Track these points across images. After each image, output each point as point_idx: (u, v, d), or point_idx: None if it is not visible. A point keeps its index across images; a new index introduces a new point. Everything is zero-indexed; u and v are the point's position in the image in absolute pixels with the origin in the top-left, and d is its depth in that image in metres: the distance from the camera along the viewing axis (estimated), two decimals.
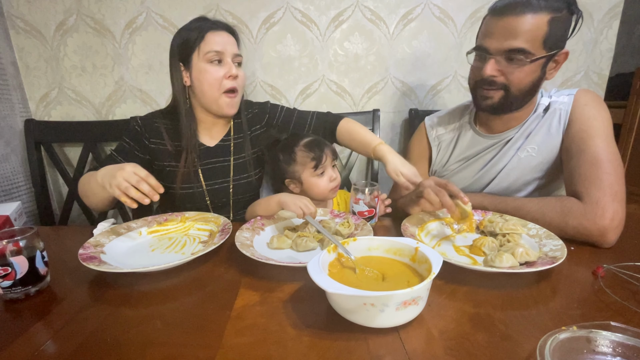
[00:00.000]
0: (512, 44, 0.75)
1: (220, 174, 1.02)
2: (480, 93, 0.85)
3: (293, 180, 0.96)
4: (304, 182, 0.95)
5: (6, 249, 0.56)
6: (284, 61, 1.39)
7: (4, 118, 1.31)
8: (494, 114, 0.90)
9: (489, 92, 0.83)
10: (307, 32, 1.36)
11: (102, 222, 0.83)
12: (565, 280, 0.60)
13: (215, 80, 0.90)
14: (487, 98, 0.84)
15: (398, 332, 0.48)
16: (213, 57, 0.90)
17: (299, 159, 0.93)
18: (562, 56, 0.80)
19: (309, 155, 0.92)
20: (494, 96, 0.83)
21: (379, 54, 1.40)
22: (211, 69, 0.90)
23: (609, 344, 0.41)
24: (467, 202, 0.73)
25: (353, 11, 1.35)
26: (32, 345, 0.47)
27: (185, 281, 0.63)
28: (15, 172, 1.36)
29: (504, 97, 0.82)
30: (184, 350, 0.45)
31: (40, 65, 1.37)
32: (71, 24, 1.33)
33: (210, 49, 0.89)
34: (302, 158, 0.93)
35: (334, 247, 0.59)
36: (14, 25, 1.33)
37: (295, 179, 0.95)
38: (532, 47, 0.74)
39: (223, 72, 0.90)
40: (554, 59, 0.80)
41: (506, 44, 0.75)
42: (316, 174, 0.93)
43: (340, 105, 1.45)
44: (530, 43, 0.74)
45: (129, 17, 1.33)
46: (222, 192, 1.02)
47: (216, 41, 0.90)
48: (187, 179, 0.97)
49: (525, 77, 0.78)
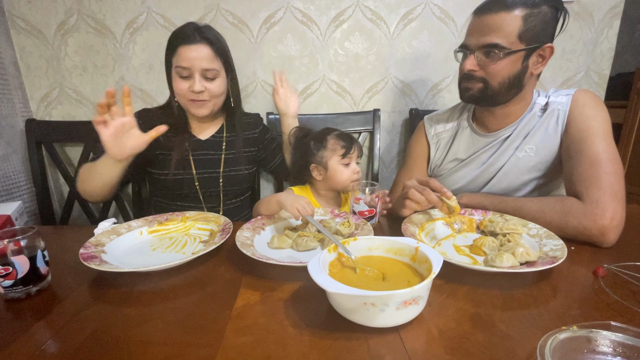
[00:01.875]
0: (486, 40, 0.79)
1: (211, 165, 1.09)
2: (462, 86, 0.90)
3: (318, 166, 0.99)
4: (329, 169, 0.98)
5: (7, 248, 0.56)
6: (285, 61, 1.39)
7: (5, 118, 1.31)
8: (478, 105, 0.93)
9: (468, 84, 0.87)
10: (308, 32, 1.36)
11: (103, 222, 0.83)
12: (565, 280, 0.60)
13: (181, 91, 0.98)
14: (467, 90, 0.88)
15: (398, 332, 0.48)
16: (181, 73, 0.96)
17: (330, 145, 0.98)
18: (547, 50, 0.81)
19: (339, 143, 0.97)
20: (473, 88, 0.87)
21: (379, 54, 1.40)
22: (179, 81, 0.97)
23: (609, 343, 0.41)
24: (451, 196, 0.75)
25: (353, 11, 1.35)
26: (33, 345, 0.47)
27: (185, 281, 0.63)
28: (16, 172, 1.36)
29: (482, 89, 0.85)
30: (184, 350, 0.45)
31: (41, 65, 1.37)
32: (72, 24, 1.33)
33: (178, 64, 0.96)
34: (333, 145, 0.98)
35: (334, 246, 0.59)
36: (15, 25, 1.33)
37: (322, 165, 0.98)
38: (506, 42, 0.78)
39: (188, 86, 0.97)
40: (538, 53, 0.81)
41: (482, 40, 0.80)
42: (342, 163, 0.97)
43: (341, 105, 1.46)
44: (504, 38, 0.78)
45: (129, 17, 1.33)
46: (211, 181, 1.08)
47: (185, 56, 0.94)
48: (179, 165, 1.03)
49: (501, 70, 0.81)
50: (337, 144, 0.97)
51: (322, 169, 0.99)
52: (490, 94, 0.85)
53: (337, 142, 0.97)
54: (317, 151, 0.98)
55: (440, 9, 1.35)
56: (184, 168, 1.04)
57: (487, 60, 0.81)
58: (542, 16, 0.78)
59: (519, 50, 0.79)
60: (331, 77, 1.42)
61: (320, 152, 0.98)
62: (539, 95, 0.92)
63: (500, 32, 0.78)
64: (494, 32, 0.78)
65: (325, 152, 0.98)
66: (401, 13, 1.35)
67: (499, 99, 0.87)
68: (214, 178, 1.08)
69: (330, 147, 0.97)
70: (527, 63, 0.82)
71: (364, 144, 1.47)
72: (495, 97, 0.86)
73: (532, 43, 0.79)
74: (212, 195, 1.10)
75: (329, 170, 0.98)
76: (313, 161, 0.99)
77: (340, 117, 1.42)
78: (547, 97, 0.90)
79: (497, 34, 0.78)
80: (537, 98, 0.91)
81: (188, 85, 0.96)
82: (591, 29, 1.37)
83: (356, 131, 1.43)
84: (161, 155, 1.03)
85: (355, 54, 1.40)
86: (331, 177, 0.98)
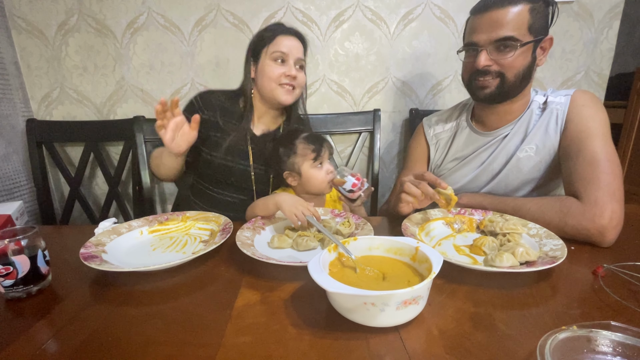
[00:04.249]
0: (500, 34, 0.80)
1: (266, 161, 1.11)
2: (476, 84, 0.88)
3: (292, 172, 0.97)
4: (302, 174, 0.95)
5: (8, 248, 0.56)
6: None
7: (5, 118, 1.31)
8: (492, 103, 0.91)
9: (485, 81, 0.86)
10: (308, 32, 1.36)
11: (104, 221, 0.83)
12: (565, 280, 0.60)
13: (276, 75, 1.01)
14: (484, 87, 0.87)
15: (398, 332, 0.48)
16: (277, 57, 1.00)
17: (300, 151, 0.94)
18: (547, 42, 0.85)
19: (309, 147, 0.94)
20: (491, 84, 0.86)
21: (379, 54, 1.40)
22: (273, 65, 1.01)
23: (609, 343, 0.41)
24: (447, 186, 0.76)
25: (354, 11, 1.35)
26: (34, 344, 0.47)
27: (186, 280, 0.63)
28: (17, 172, 1.36)
29: (500, 84, 0.85)
30: (184, 349, 0.45)
31: (41, 65, 1.38)
32: (73, 24, 1.33)
33: (276, 49, 1.00)
34: (303, 149, 0.94)
35: (334, 246, 0.59)
36: (15, 25, 1.33)
37: (295, 171, 0.96)
38: (519, 34, 0.80)
39: (283, 70, 1.01)
40: (541, 45, 0.84)
41: (494, 34, 0.81)
42: (315, 166, 0.94)
43: (341, 105, 1.46)
44: (517, 30, 0.80)
45: (130, 17, 1.33)
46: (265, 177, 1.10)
47: (284, 44, 1.00)
48: (236, 152, 1.05)
49: (517, 62, 0.83)
50: (307, 148, 0.94)
51: (296, 175, 0.97)
52: (506, 88, 0.86)
53: (307, 146, 0.94)
54: (287, 158, 0.96)
55: (441, 9, 1.35)
56: (242, 158, 1.06)
57: (501, 54, 0.82)
58: (541, 10, 0.81)
59: (530, 42, 0.81)
60: (331, 77, 1.42)
61: (291, 158, 0.95)
62: (536, 93, 0.94)
63: (513, 24, 0.79)
64: (507, 26, 0.79)
65: (296, 158, 0.95)
66: (401, 13, 1.35)
67: (513, 93, 0.87)
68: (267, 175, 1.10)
69: (300, 153, 0.94)
70: (535, 55, 0.84)
71: (364, 144, 1.47)
72: (510, 92, 0.87)
73: (538, 35, 0.82)
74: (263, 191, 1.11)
75: (302, 176, 0.95)
76: (285, 168, 0.97)
77: (341, 117, 1.42)
78: (546, 96, 0.91)
79: (510, 27, 0.79)
80: (535, 96, 0.92)
81: (283, 70, 1.00)
82: (591, 29, 1.37)
83: (356, 131, 1.43)
84: (215, 137, 1.05)
85: (356, 54, 1.40)
86: (306, 182, 0.96)
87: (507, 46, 0.81)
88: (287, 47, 1.00)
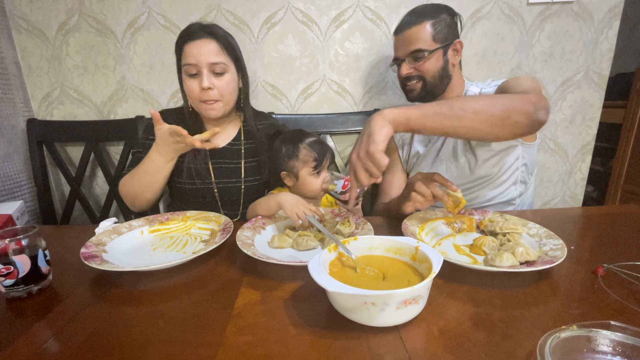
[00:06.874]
0: (411, 48, 0.99)
1: (232, 174, 1.05)
2: (406, 89, 1.06)
3: (289, 174, 0.97)
4: (299, 178, 0.96)
5: (8, 247, 0.56)
6: (285, 61, 1.39)
7: (6, 117, 1.31)
8: (423, 101, 1.00)
9: (411, 84, 1.04)
10: (308, 32, 1.36)
11: (104, 221, 0.83)
12: (565, 280, 0.60)
13: (193, 92, 0.94)
14: (412, 90, 1.05)
15: (398, 331, 0.48)
16: (189, 70, 0.93)
17: (302, 156, 0.94)
18: (457, 44, 1.01)
19: (312, 154, 0.94)
20: (416, 87, 1.03)
21: (379, 54, 1.40)
22: (189, 81, 0.94)
23: (609, 343, 0.41)
24: (456, 189, 0.76)
25: (354, 11, 1.35)
26: (34, 344, 0.47)
27: (186, 280, 0.64)
28: (17, 172, 1.36)
29: (423, 85, 1.02)
30: (185, 349, 0.46)
31: (42, 65, 1.38)
32: (73, 24, 1.33)
33: (185, 62, 0.93)
34: (305, 156, 0.94)
35: (334, 246, 0.59)
36: (16, 25, 1.33)
37: (292, 174, 0.96)
38: (425, 45, 0.98)
39: (197, 85, 0.93)
40: (453, 48, 1.00)
41: (408, 48, 1.00)
42: (313, 174, 0.95)
43: (341, 105, 1.46)
44: (424, 43, 0.98)
45: (130, 17, 1.33)
46: (233, 190, 1.05)
47: (190, 53, 0.92)
48: (197, 174, 1.00)
49: (431, 66, 0.99)
50: (309, 156, 0.93)
51: (293, 177, 0.97)
52: (429, 87, 1.02)
53: (309, 154, 0.94)
54: (288, 159, 0.95)
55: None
56: (202, 177, 1.00)
57: (417, 62, 1.00)
58: (444, 22, 0.98)
59: (437, 49, 0.98)
60: (332, 77, 1.42)
61: (291, 161, 0.95)
62: (473, 85, 1.06)
63: (420, 39, 0.98)
64: (415, 41, 0.98)
65: (297, 162, 0.95)
66: (401, 13, 1.35)
67: (438, 90, 1.03)
68: (236, 188, 1.04)
69: (302, 158, 0.94)
70: (447, 57, 1.00)
71: None
72: (434, 90, 1.03)
73: (444, 42, 0.99)
74: (232, 203, 1.06)
75: (299, 180, 0.96)
76: (284, 169, 0.97)
77: (341, 117, 1.42)
78: (479, 87, 1.03)
79: (418, 41, 0.98)
80: (470, 86, 1.06)
81: (197, 83, 0.93)
82: (591, 29, 1.37)
83: (356, 131, 1.43)
84: (179, 161, 0.97)
85: (356, 54, 1.40)
86: (302, 186, 0.96)
87: (419, 56, 0.98)
88: (194, 56, 0.91)
